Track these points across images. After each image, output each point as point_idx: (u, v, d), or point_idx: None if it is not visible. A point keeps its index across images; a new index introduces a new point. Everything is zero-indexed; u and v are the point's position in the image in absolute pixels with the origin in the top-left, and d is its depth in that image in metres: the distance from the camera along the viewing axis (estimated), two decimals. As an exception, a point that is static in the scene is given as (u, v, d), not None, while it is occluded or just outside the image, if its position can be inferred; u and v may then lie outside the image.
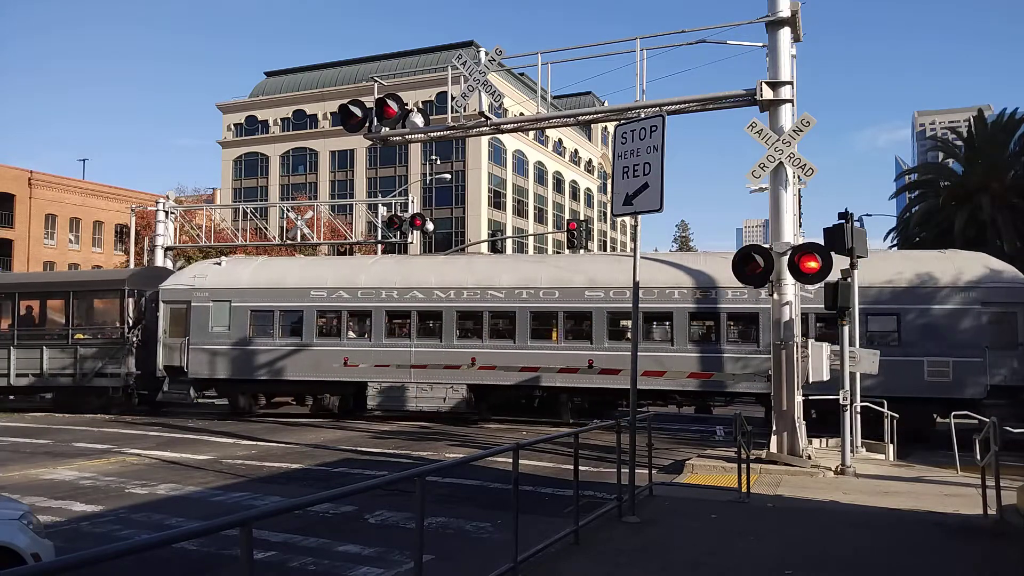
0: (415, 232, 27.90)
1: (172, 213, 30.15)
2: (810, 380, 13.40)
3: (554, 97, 25.40)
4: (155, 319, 23.24)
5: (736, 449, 11.12)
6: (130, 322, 23.31)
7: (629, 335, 18.55)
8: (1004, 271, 18.04)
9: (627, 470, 9.42)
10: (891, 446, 14.67)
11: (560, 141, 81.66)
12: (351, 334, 21.74)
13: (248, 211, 31.94)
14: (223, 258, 24.30)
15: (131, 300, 23.50)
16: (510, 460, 6.93)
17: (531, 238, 72.89)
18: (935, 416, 17.29)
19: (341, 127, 17.58)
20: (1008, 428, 10.49)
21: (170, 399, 23.34)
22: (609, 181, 13.21)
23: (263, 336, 22.02)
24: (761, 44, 13.78)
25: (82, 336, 23.74)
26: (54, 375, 23.58)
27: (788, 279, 13.21)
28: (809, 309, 17.50)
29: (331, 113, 68.18)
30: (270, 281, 22.35)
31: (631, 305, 11.52)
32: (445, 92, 22.51)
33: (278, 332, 21.90)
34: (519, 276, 20.80)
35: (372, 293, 21.43)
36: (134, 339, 23.11)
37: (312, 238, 31.24)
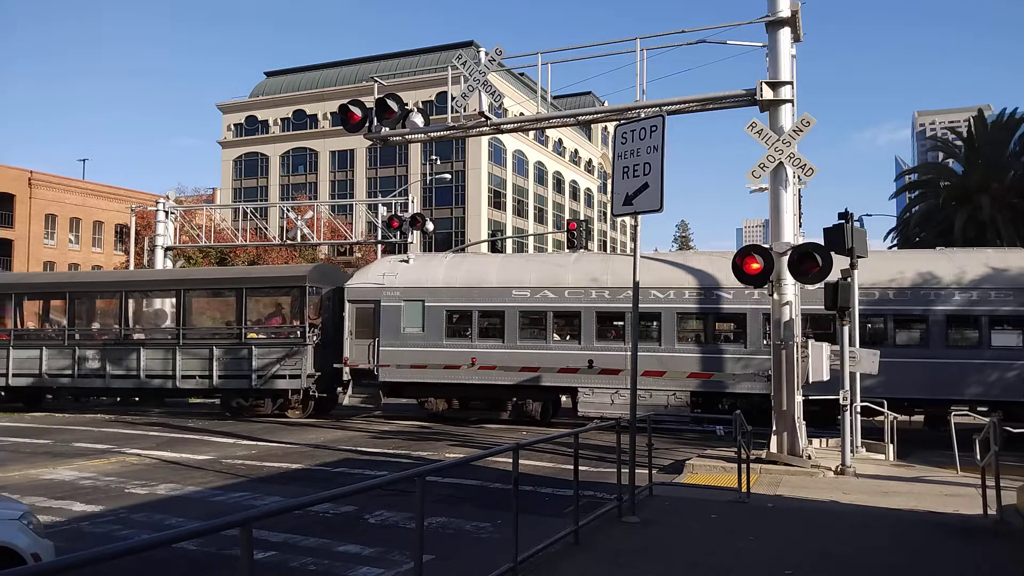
0: (415, 232, 27.87)
1: (172, 213, 30.14)
2: (810, 380, 13.41)
3: (554, 97, 25.39)
4: (331, 318, 22.42)
5: (736, 449, 11.13)
6: (309, 321, 22.03)
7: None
8: None
9: (627, 470, 9.41)
10: (891, 446, 14.68)
11: (560, 141, 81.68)
12: (556, 336, 20.50)
13: (248, 211, 31.92)
14: (409, 255, 22.99)
15: (311, 298, 22.24)
16: (510, 460, 6.93)
17: (531, 238, 72.91)
18: None
19: (341, 127, 17.57)
20: (1008, 428, 10.48)
21: (356, 403, 22.03)
22: (609, 181, 13.21)
23: (459, 338, 20.95)
24: (761, 44, 13.77)
25: (256, 335, 22.43)
26: (224, 377, 22.24)
27: (788, 279, 13.22)
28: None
29: (331, 113, 68.19)
30: (467, 280, 21.24)
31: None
32: (445, 92, 22.36)
33: (476, 334, 20.82)
34: None
35: (580, 293, 20.04)
36: (315, 339, 21.96)
37: (312, 238, 31.23)
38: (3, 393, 24.32)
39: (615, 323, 20.17)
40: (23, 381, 23.80)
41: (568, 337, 20.40)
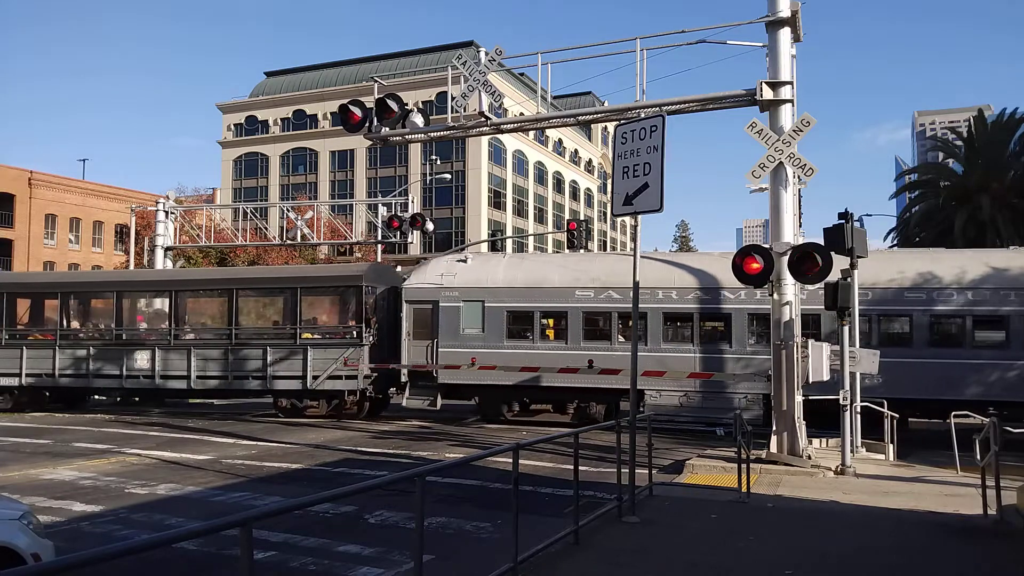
0: (415, 232, 27.90)
1: (172, 213, 30.15)
2: (810, 380, 13.41)
3: (554, 97, 25.38)
4: (386, 318, 22.21)
5: (736, 449, 11.13)
6: (365, 322, 21.59)
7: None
8: None
9: (627, 470, 9.42)
10: (891, 446, 14.67)
11: (560, 141, 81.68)
12: (621, 338, 19.96)
13: (248, 211, 31.94)
14: (467, 254, 22.80)
15: (367, 298, 21.88)
16: (510, 460, 6.94)
17: (531, 238, 72.92)
18: None
19: (341, 127, 17.56)
20: (1008, 428, 10.48)
21: (415, 405, 21.49)
22: (609, 181, 13.21)
23: (520, 339, 20.53)
24: (761, 44, 13.77)
25: (310, 336, 22.12)
26: (278, 377, 21.90)
27: (788, 279, 13.21)
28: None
29: (331, 113, 68.20)
30: (528, 280, 20.86)
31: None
32: (445, 92, 22.31)
33: (538, 335, 20.47)
34: None
35: (647, 293, 19.18)
36: (371, 339, 21.57)
37: (312, 238, 31.25)
38: (48, 394, 24.10)
39: (683, 324, 19.83)
40: (70, 382, 23.45)
41: (626, 338, 19.91)
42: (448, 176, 60.82)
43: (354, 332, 21.60)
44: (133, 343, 23.25)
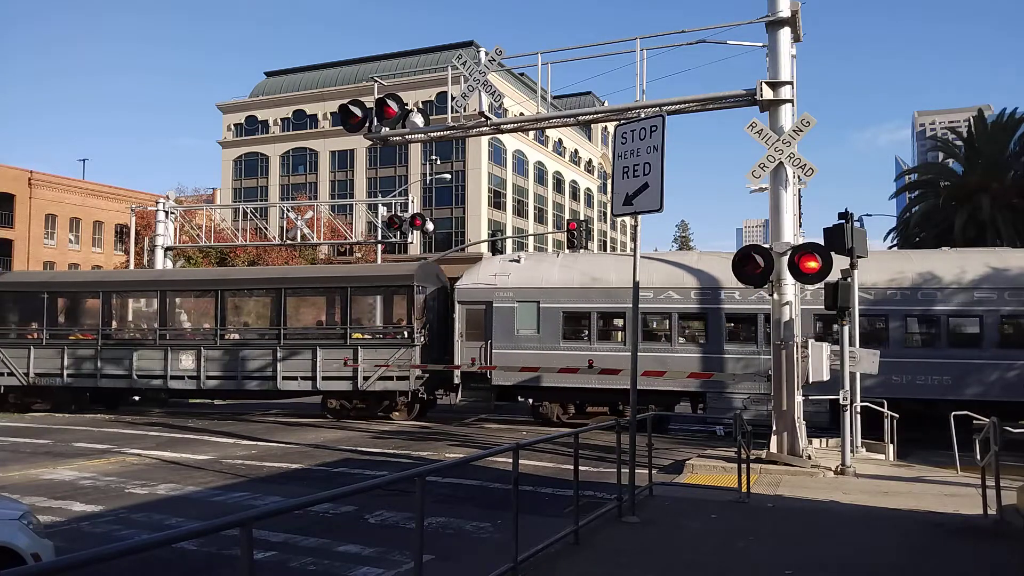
0: (415, 232, 27.92)
1: (172, 213, 30.14)
2: (810, 380, 13.41)
3: (554, 97, 25.37)
4: (435, 318, 22.02)
5: (736, 449, 11.13)
6: (416, 322, 21.37)
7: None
8: None
9: (627, 470, 9.42)
10: (891, 446, 14.67)
11: (560, 141, 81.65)
12: (680, 339, 19.63)
13: (248, 211, 31.93)
14: (520, 254, 22.48)
15: (418, 297, 21.62)
16: (510, 460, 6.94)
17: (531, 238, 72.91)
18: None
19: (341, 127, 17.55)
20: (1008, 428, 10.48)
21: (466, 407, 21.23)
22: (609, 181, 13.21)
23: (576, 340, 20.21)
24: (761, 44, 13.77)
25: (361, 336, 21.86)
26: (328, 378, 21.57)
27: (788, 279, 13.22)
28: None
29: (331, 113, 68.18)
30: (584, 280, 20.42)
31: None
32: (445, 92, 22.27)
33: (595, 336, 20.02)
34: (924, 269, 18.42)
35: (708, 294, 19.22)
36: (422, 339, 21.30)
37: (312, 238, 31.25)
38: (88, 394, 23.95)
39: (743, 326, 19.46)
40: (113, 383, 23.18)
41: (694, 339, 19.80)
42: (448, 176, 60.80)
43: (405, 332, 21.40)
44: (178, 343, 22.94)
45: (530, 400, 21.22)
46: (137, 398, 25.75)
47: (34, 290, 24.63)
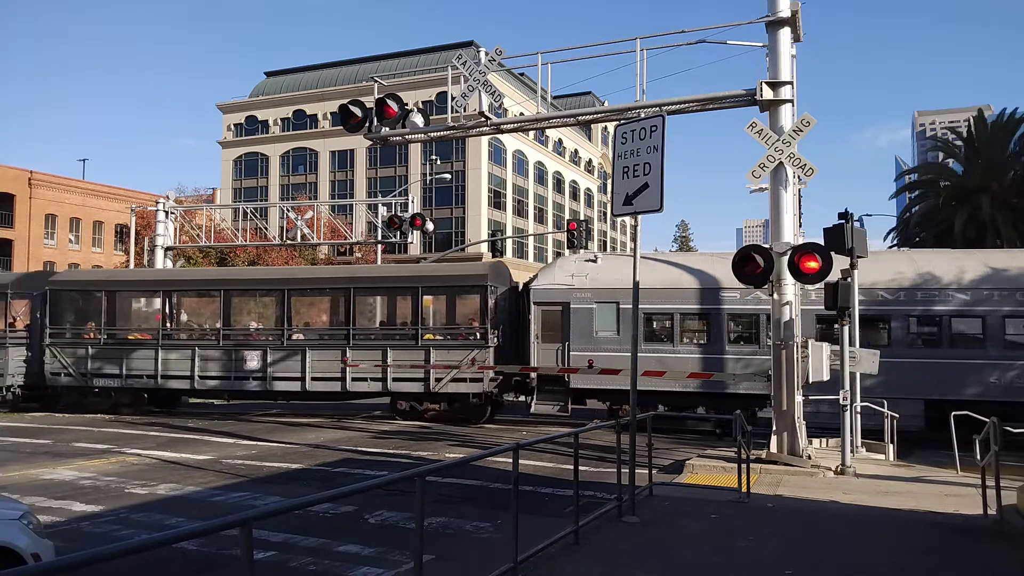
0: (415, 232, 27.93)
1: (172, 213, 30.14)
2: (810, 380, 13.41)
3: (554, 97, 25.38)
4: (507, 319, 21.52)
5: (736, 449, 11.13)
6: (490, 323, 20.80)
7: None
8: None
9: (627, 470, 9.42)
10: (891, 446, 14.67)
11: (560, 141, 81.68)
12: (770, 341, 18.96)
13: (248, 211, 31.93)
14: (596, 253, 21.96)
15: (491, 298, 21.02)
16: (510, 460, 6.94)
17: (531, 238, 72.92)
18: None
19: (341, 127, 17.54)
20: (1008, 428, 10.48)
21: (544, 411, 20.52)
22: (609, 181, 13.21)
23: (657, 341, 19.70)
24: (761, 44, 13.77)
25: (433, 337, 21.41)
26: (399, 380, 21.11)
27: (788, 279, 13.22)
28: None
29: (331, 113, 68.21)
30: (667, 281, 19.77)
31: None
32: (445, 92, 22.25)
33: (678, 337, 19.53)
34: None
35: (800, 294, 18.57)
36: (496, 341, 20.73)
37: (312, 238, 31.24)
38: (146, 395, 23.65)
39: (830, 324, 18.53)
40: (174, 384, 22.73)
41: (754, 340, 19.23)
42: (448, 176, 60.81)
43: (478, 333, 20.86)
44: (242, 343, 22.45)
45: (607, 403, 20.57)
46: (190, 399, 25.23)
47: (91, 289, 24.29)
